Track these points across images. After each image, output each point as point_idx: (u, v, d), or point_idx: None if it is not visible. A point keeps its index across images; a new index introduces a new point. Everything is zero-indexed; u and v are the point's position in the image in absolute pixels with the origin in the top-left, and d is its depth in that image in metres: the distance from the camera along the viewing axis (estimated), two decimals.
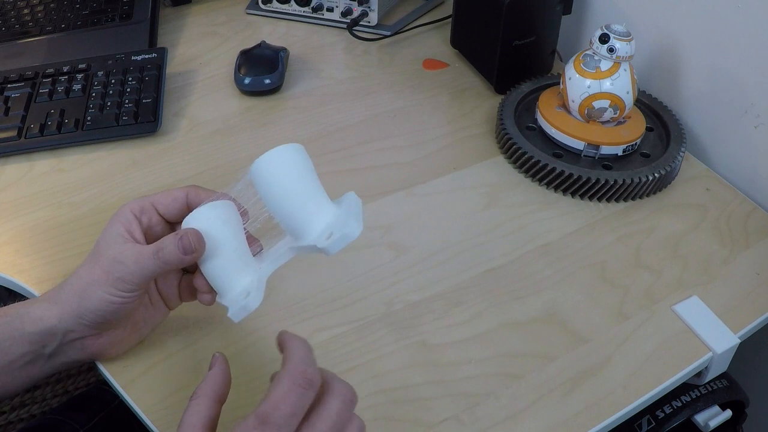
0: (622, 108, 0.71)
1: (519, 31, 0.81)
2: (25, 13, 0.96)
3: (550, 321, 0.60)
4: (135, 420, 0.53)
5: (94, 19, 0.93)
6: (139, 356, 0.55)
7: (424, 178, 0.74)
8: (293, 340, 0.43)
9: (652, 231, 0.69)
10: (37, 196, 0.70)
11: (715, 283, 0.64)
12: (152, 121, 0.76)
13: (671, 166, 0.72)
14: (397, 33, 0.96)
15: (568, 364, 0.57)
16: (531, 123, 0.77)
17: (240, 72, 0.84)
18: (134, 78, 0.80)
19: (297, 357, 0.42)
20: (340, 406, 0.42)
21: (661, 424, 0.68)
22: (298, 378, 0.40)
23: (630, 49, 0.69)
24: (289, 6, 0.98)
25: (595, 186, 0.70)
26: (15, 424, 1.08)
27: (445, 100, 0.85)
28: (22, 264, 0.63)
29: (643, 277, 0.64)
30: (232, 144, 0.77)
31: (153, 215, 0.53)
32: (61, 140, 0.75)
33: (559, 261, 0.65)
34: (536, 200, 0.71)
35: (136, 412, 0.52)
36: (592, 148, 0.72)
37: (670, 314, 0.61)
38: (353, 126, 0.81)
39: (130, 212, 0.52)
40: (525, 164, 0.73)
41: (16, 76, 0.81)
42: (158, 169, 0.74)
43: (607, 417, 0.54)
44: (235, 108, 0.83)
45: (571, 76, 0.72)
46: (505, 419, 0.53)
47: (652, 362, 0.57)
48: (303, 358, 0.42)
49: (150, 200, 0.53)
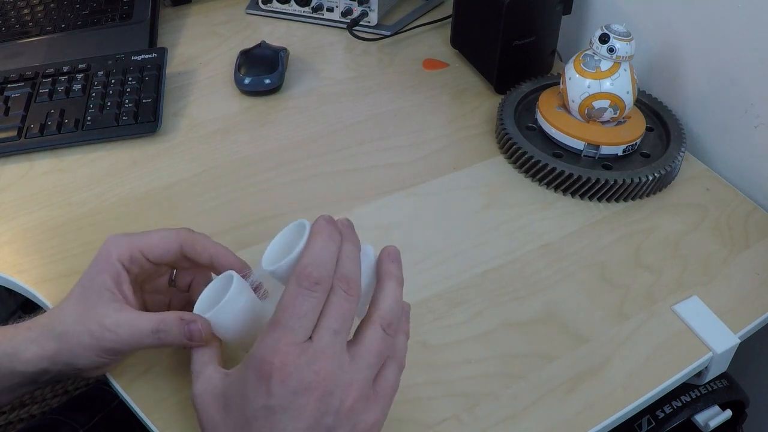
0: (622, 108, 0.71)
1: (519, 31, 0.81)
2: (25, 13, 0.96)
3: (550, 321, 0.60)
4: (135, 420, 0.53)
5: (94, 19, 0.93)
6: (139, 356, 0.55)
7: (424, 178, 0.74)
8: (313, 237, 0.43)
9: (652, 231, 0.69)
10: (37, 196, 0.70)
11: (715, 283, 0.64)
12: (152, 121, 0.76)
13: (671, 166, 0.72)
14: (397, 33, 0.96)
15: (568, 364, 0.57)
16: (531, 123, 0.77)
17: (240, 72, 0.84)
18: (134, 78, 0.80)
19: (306, 258, 0.42)
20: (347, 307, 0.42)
21: (661, 424, 0.68)
22: (302, 280, 0.41)
23: (630, 49, 0.69)
24: (289, 6, 0.98)
25: (595, 186, 0.70)
26: (15, 424, 1.08)
27: (445, 100, 0.85)
28: (22, 264, 0.63)
29: (643, 277, 0.64)
30: (232, 144, 0.77)
31: (143, 263, 0.51)
32: (61, 140, 0.75)
33: (559, 261, 0.65)
34: (536, 200, 0.71)
35: (136, 412, 0.52)
36: (592, 148, 0.72)
37: (670, 314, 0.61)
38: (353, 126, 0.81)
39: (118, 262, 0.49)
40: (525, 164, 0.73)
41: (16, 76, 0.81)
42: (158, 169, 0.74)
43: (607, 417, 0.54)
44: (235, 108, 0.83)
45: (571, 76, 0.72)
46: (505, 419, 0.53)
47: (652, 362, 0.57)
48: (312, 259, 0.41)
49: (139, 248, 0.50)
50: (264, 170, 0.74)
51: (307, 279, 0.41)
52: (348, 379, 0.41)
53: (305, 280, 0.41)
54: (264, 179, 0.73)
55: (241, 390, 0.41)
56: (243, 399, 0.40)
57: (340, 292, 0.42)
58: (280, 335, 0.40)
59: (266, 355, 0.40)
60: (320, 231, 0.43)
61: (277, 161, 0.75)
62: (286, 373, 0.39)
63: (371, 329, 0.43)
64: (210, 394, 0.43)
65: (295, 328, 0.40)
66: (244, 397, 0.40)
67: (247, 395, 0.40)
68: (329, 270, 0.42)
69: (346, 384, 0.41)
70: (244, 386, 0.40)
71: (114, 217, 0.68)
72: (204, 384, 0.44)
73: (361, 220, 0.68)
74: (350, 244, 0.44)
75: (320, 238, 0.42)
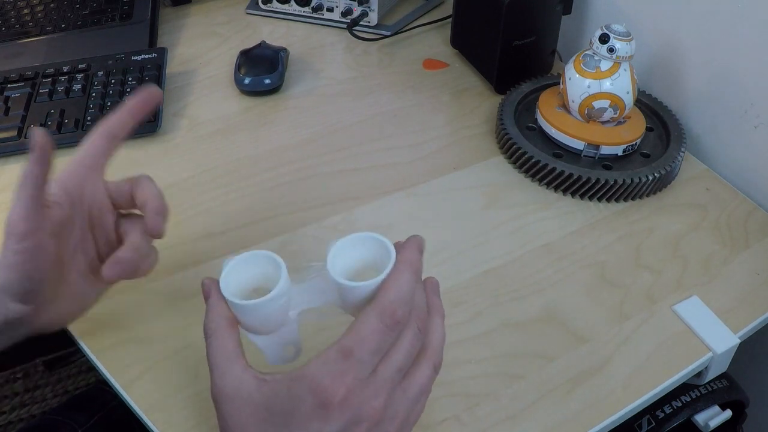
0: (622, 108, 0.71)
1: (519, 31, 0.81)
2: (25, 13, 0.96)
3: (550, 321, 0.60)
4: (135, 420, 0.53)
5: (94, 19, 0.93)
6: (139, 356, 0.55)
7: (424, 178, 0.74)
8: (402, 269, 0.41)
9: (652, 231, 0.69)
10: None
11: (715, 283, 0.64)
12: (152, 121, 0.76)
13: (671, 166, 0.72)
14: (397, 33, 0.96)
15: (568, 364, 0.57)
16: (531, 123, 0.77)
17: (240, 72, 0.84)
18: (134, 78, 0.80)
19: (393, 293, 0.40)
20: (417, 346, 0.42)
21: (661, 424, 0.68)
22: (386, 317, 0.39)
23: (630, 49, 0.69)
24: (289, 6, 0.98)
25: (595, 186, 0.70)
26: (15, 424, 1.08)
27: (445, 100, 0.85)
28: None
29: (643, 277, 0.64)
30: (232, 144, 0.77)
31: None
32: (61, 140, 0.75)
33: (559, 261, 0.65)
34: (536, 200, 0.71)
35: (136, 412, 0.52)
36: (592, 148, 0.72)
37: (670, 314, 0.61)
38: (353, 126, 0.81)
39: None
40: (525, 164, 0.73)
41: (16, 76, 0.81)
42: (158, 169, 0.73)
43: (607, 417, 0.54)
44: (235, 108, 0.83)
45: (571, 76, 0.72)
46: (505, 419, 0.53)
47: (652, 362, 0.57)
48: (399, 296, 0.40)
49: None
50: (264, 170, 0.74)
51: (391, 317, 0.39)
52: (396, 412, 0.41)
53: (389, 318, 0.39)
54: (264, 179, 0.73)
55: (291, 408, 0.39)
56: (292, 418, 0.39)
57: (415, 329, 0.41)
58: (349, 367, 0.39)
59: (331, 384, 0.38)
60: (410, 263, 0.41)
61: (277, 161, 0.75)
62: (347, 406, 0.39)
63: (424, 367, 0.43)
64: (244, 401, 0.41)
65: (366, 362, 0.39)
66: (294, 417, 0.39)
67: (300, 417, 0.39)
68: (410, 307, 0.41)
69: (393, 416, 0.41)
70: (297, 406, 0.39)
71: None
72: (234, 385, 0.41)
73: (361, 220, 0.69)
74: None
75: (409, 272, 0.41)
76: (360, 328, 0.39)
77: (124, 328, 0.58)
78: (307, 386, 0.39)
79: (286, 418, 0.39)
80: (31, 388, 1.12)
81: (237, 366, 0.42)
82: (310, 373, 0.39)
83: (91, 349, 0.56)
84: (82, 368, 1.15)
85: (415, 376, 0.42)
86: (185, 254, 0.64)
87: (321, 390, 0.38)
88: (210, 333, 0.43)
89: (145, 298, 0.60)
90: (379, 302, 0.40)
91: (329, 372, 0.38)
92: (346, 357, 0.38)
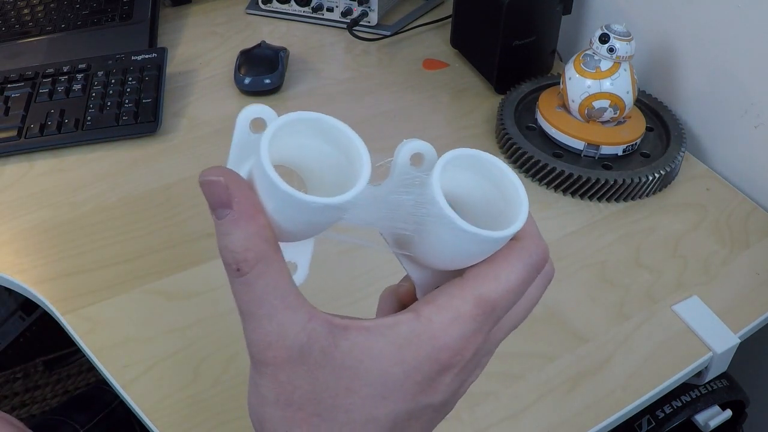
0: (622, 108, 0.71)
1: (519, 31, 0.81)
2: (25, 13, 0.96)
3: (550, 321, 0.60)
4: (135, 420, 0.53)
5: (94, 19, 0.93)
6: (139, 356, 0.55)
7: None
8: (528, 267, 0.31)
9: (652, 231, 0.69)
10: (37, 196, 0.70)
11: (715, 283, 0.64)
12: (152, 121, 0.76)
13: (671, 166, 0.72)
14: (397, 33, 0.96)
15: (568, 364, 0.57)
16: (531, 123, 0.77)
17: (240, 72, 0.84)
18: (134, 78, 0.80)
19: (541, 240, 0.31)
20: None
21: (661, 424, 0.68)
22: (532, 272, 0.31)
23: (630, 49, 0.69)
24: (289, 6, 0.98)
25: (595, 186, 0.70)
26: None
27: (445, 100, 0.85)
28: (22, 264, 0.63)
29: (643, 277, 0.64)
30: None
31: None
32: (61, 140, 0.75)
33: (559, 261, 0.65)
34: (536, 200, 0.71)
35: (136, 412, 0.52)
36: (592, 148, 0.72)
37: (670, 314, 0.61)
38: (353, 126, 0.80)
39: None
40: (525, 164, 0.73)
41: (16, 76, 0.81)
42: (158, 169, 0.73)
43: (607, 417, 0.54)
44: (235, 108, 0.83)
45: (571, 76, 0.72)
46: (505, 419, 0.53)
47: (652, 362, 0.57)
48: (545, 246, 0.32)
49: None
50: None
51: (537, 268, 0.32)
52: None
53: (535, 269, 0.31)
54: None
55: (400, 375, 0.29)
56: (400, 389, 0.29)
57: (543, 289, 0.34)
58: (485, 323, 0.30)
59: (465, 346, 0.29)
60: (537, 267, 0.32)
61: None
62: (466, 369, 0.31)
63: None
64: (318, 364, 0.28)
65: (500, 317, 0.31)
66: (402, 387, 0.29)
67: (411, 387, 0.29)
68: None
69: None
70: (409, 374, 0.29)
71: (114, 217, 0.68)
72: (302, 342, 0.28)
73: None
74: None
75: (531, 275, 0.32)
76: (506, 275, 0.30)
77: (124, 328, 0.58)
78: (428, 350, 0.29)
79: (386, 388, 0.29)
80: (31, 388, 1.12)
81: (301, 313, 0.28)
82: (434, 332, 0.29)
83: (91, 349, 0.56)
84: (82, 368, 1.15)
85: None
86: (185, 254, 0.64)
87: (449, 355, 0.29)
88: (248, 265, 0.27)
89: (145, 298, 0.60)
90: (527, 246, 0.31)
91: (462, 333, 0.29)
92: (486, 314, 0.29)
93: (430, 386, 0.29)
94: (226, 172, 0.28)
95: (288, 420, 0.28)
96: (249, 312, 0.28)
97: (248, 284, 0.28)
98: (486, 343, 0.31)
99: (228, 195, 0.28)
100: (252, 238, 0.27)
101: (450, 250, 0.30)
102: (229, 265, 0.28)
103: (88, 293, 0.60)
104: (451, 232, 0.29)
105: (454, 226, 0.28)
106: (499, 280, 0.30)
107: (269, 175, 0.27)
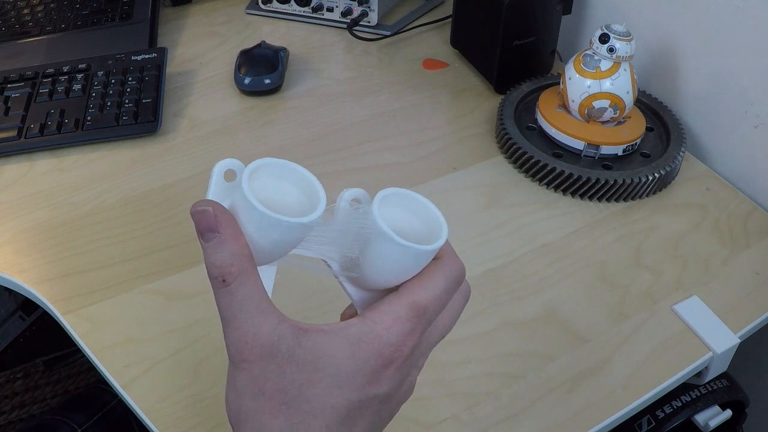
0: (622, 108, 0.71)
1: (519, 31, 0.81)
2: (25, 13, 0.96)
3: (550, 321, 0.60)
4: (135, 420, 0.53)
5: (94, 19, 0.93)
6: (139, 356, 0.55)
7: (424, 178, 0.74)
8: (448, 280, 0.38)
9: (652, 231, 0.69)
10: (37, 196, 0.70)
11: (715, 283, 0.64)
12: (152, 121, 0.76)
13: (671, 166, 0.72)
14: (397, 33, 0.96)
15: (568, 364, 0.57)
16: (531, 123, 0.77)
17: (240, 72, 0.84)
18: (134, 78, 0.80)
19: (457, 259, 0.38)
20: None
21: (661, 424, 0.68)
22: (454, 281, 0.38)
23: (630, 49, 0.69)
24: (289, 6, 0.98)
25: (595, 186, 0.70)
26: (15, 424, 1.08)
27: (445, 100, 0.85)
28: (22, 264, 0.63)
29: (643, 277, 0.64)
30: (232, 144, 0.77)
31: None
32: (61, 140, 0.75)
33: (559, 261, 0.65)
34: (536, 200, 0.71)
35: (136, 412, 0.52)
36: (592, 148, 0.72)
37: (670, 314, 0.61)
38: (353, 126, 0.81)
39: None
40: (525, 164, 0.73)
41: (16, 76, 0.81)
42: (158, 169, 0.74)
43: (607, 417, 0.54)
44: (235, 108, 0.83)
45: (571, 76, 0.72)
46: (505, 419, 0.53)
47: (652, 362, 0.57)
48: (461, 264, 0.38)
49: None
50: None
51: (457, 280, 0.38)
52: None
53: (455, 281, 0.38)
54: None
55: (352, 369, 0.34)
56: (352, 380, 0.34)
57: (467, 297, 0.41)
58: (419, 326, 0.36)
59: (404, 343, 0.35)
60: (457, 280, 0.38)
61: None
62: (405, 366, 0.37)
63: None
64: (285, 359, 0.34)
65: (431, 321, 0.37)
66: (354, 378, 0.34)
67: (361, 378, 0.35)
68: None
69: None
70: (359, 366, 0.34)
71: (114, 217, 0.68)
72: (272, 341, 0.34)
73: None
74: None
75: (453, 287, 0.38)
76: (432, 285, 0.36)
77: (124, 328, 0.58)
78: (375, 346, 0.35)
79: (340, 379, 0.34)
80: (31, 388, 1.12)
81: (272, 317, 0.34)
82: (379, 332, 0.35)
83: (91, 349, 0.56)
84: (82, 368, 1.15)
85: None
86: (185, 254, 0.64)
87: (391, 350, 0.35)
88: (231, 277, 0.34)
89: (145, 298, 0.60)
90: (447, 263, 0.38)
91: (401, 332, 0.35)
92: (419, 316, 0.36)
93: (377, 378, 0.35)
94: (213, 203, 0.35)
95: (260, 409, 0.34)
96: (231, 316, 0.34)
97: (231, 293, 0.34)
98: (421, 344, 0.37)
99: (216, 221, 0.34)
100: (235, 255, 0.34)
101: (389, 265, 0.36)
102: (215, 278, 0.34)
103: (88, 293, 0.60)
104: (390, 248, 0.35)
105: (393, 242, 0.35)
106: (427, 289, 0.36)
107: (250, 199, 0.33)
